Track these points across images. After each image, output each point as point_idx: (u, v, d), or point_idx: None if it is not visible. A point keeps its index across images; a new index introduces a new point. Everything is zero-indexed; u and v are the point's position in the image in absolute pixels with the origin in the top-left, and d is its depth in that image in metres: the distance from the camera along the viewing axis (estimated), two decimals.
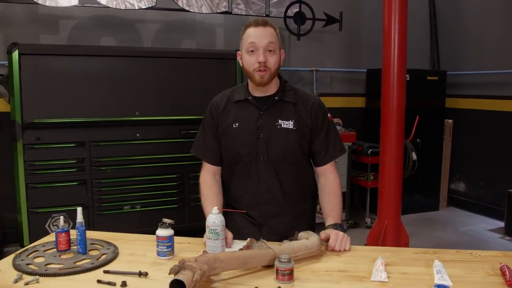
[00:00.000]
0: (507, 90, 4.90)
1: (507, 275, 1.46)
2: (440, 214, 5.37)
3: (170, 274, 1.36)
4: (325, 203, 1.95)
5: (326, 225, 1.87)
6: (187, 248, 1.77)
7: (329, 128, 1.98)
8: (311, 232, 1.74)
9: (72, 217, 1.72)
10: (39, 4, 3.65)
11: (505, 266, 1.51)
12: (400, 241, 3.31)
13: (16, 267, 1.54)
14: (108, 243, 1.79)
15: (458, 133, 5.44)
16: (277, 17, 4.48)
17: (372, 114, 4.98)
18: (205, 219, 1.72)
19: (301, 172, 1.99)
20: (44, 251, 1.71)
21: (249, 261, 1.52)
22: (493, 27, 5.08)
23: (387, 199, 3.33)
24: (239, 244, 1.74)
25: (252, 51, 1.83)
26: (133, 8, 3.90)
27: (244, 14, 4.38)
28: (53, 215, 3.52)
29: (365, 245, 3.29)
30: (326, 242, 1.76)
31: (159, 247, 1.67)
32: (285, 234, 1.80)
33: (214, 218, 1.66)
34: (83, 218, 1.71)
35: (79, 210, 1.71)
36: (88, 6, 3.93)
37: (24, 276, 1.48)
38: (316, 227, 2.03)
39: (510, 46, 4.84)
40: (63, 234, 1.70)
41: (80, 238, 1.68)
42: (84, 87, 3.57)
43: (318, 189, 2.02)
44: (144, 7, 3.92)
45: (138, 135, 3.77)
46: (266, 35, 1.83)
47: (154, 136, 3.82)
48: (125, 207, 3.77)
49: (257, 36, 1.83)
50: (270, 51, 1.84)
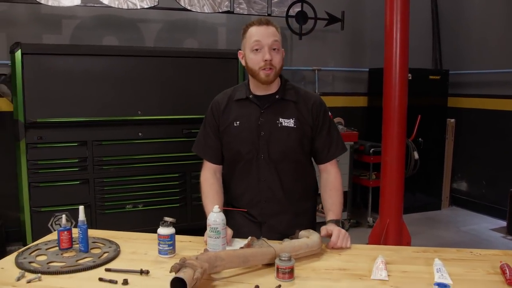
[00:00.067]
0: (510, 89, 4.89)
1: (507, 273, 1.46)
2: (442, 214, 5.37)
3: (171, 272, 1.37)
4: (326, 197, 1.96)
5: (327, 219, 1.88)
6: (189, 246, 1.77)
7: (331, 126, 1.99)
8: (311, 231, 1.75)
9: (75, 216, 1.73)
10: (41, 3, 3.67)
11: (505, 265, 1.51)
12: (402, 240, 3.30)
13: (18, 265, 1.56)
14: (110, 241, 1.80)
15: (460, 133, 5.44)
16: (279, 17, 4.48)
17: (374, 114, 4.98)
18: (206, 217, 1.73)
19: (302, 170, 1.99)
20: (47, 249, 1.72)
21: (250, 259, 1.52)
22: (495, 26, 5.07)
23: (389, 198, 3.32)
24: (240, 243, 1.75)
25: (257, 49, 1.83)
26: (135, 7, 3.91)
27: (246, 13, 4.38)
28: (56, 214, 3.54)
29: (367, 244, 3.29)
30: (327, 238, 1.77)
31: (160, 245, 1.67)
32: (285, 232, 1.80)
33: (215, 216, 1.66)
34: (85, 217, 1.72)
35: (81, 208, 1.71)
36: (91, 6, 3.94)
37: (27, 274, 1.49)
38: (316, 226, 2.03)
39: None
40: (65, 232, 1.71)
41: (82, 236, 1.69)
42: (87, 87, 3.58)
43: (319, 185, 2.03)
44: (146, 6, 3.93)
45: (140, 134, 3.78)
46: (270, 33, 1.84)
47: (156, 136, 3.83)
48: (127, 206, 3.79)
49: (261, 34, 1.83)
50: (275, 49, 1.84)
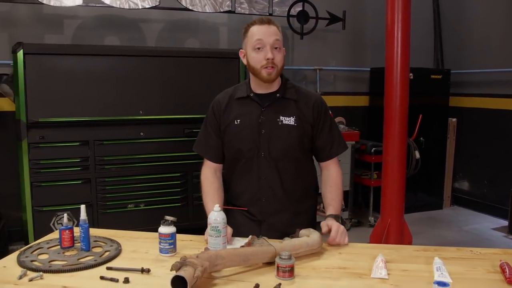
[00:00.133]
0: (511, 88, 4.89)
1: (506, 272, 1.47)
2: (444, 213, 5.36)
3: (172, 270, 1.37)
4: (327, 193, 1.98)
5: (327, 214, 1.90)
6: (189, 245, 1.78)
7: (332, 124, 2.01)
8: (312, 230, 1.75)
9: (77, 216, 1.74)
10: (43, 4, 3.68)
11: (505, 264, 1.52)
12: (403, 240, 3.30)
13: (20, 263, 1.57)
14: (111, 240, 1.80)
15: (462, 132, 5.43)
16: (280, 16, 4.49)
17: (376, 113, 4.98)
18: (207, 216, 1.73)
19: (302, 169, 2.00)
20: (48, 248, 1.73)
21: (250, 258, 1.53)
22: (497, 25, 5.06)
23: (390, 198, 3.32)
24: (240, 242, 1.76)
25: (259, 48, 1.85)
26: (136, 7, 3.92)
27: (247, 13, 4.39)
28: (58, 213, 3.55)
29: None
30: (327, 234, 1.79)
31: (161, 244, 1.68)
32: (285, 231, 1.81)
33: (215, 215, 1.67)
34: (87, 216, 1.73)
35: (82, 207, 1.72)
36: (92, 6, 3.95)
37: (29, 272, 1.50)
38: (317, 225, 2.03)
39: None
40: (67, 231, 1.72)
41: (83, 235, 1.70)
42: (88, 87, 3.59)
43: (320, 183, 2.04)
44: (147, 6, 3.94)
45: (142, 134, 3.79)
46: (272, 32, 1.85)
47: (157, 135, 3.84)
48: (129, 206, 3.79)
49: (263, 33, 1.84)
50: (276, 48, 1.86)
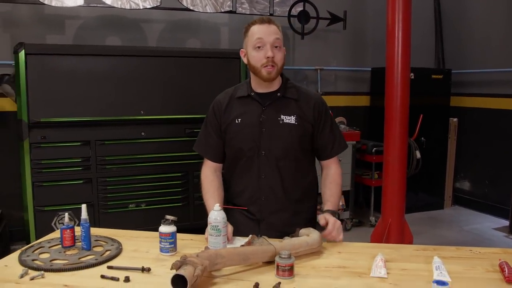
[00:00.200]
0: None
1: (505, 271, 1.47)
2: (445, 213, 5.36)
3: (172, 269, 1.38)
4: (326, 189, 2.00)
5: (324, 209, 1.93)
6: (190, 244, 1.79)
7: (333, 123, 2.03)
8: (311, 229, 1.76)
9: (78, 215, 1.75)
10: (45, 4, 3.69)
11: (504, 263, 1.52)
12: (404, 239, 3.30)
13: (22, 262, 1.58)
14: (112, 239, 1.81)
15: (463, 132, 5.43)
16: (281, 16, 4.50)
17: (377, 113, 4.97)
18: (207, 214, 1.74)
19: (303, 169, 2.01)
20: (50, 247, 1.74)
21: (250, 257, 1.54)
22: (498, 25, 5.06)
23: (391, 197, 3.33)
24: (240, 241, 1.76)
25: (259, 47, 1.86)
26: (138, 8, 3.93)
27: (248, 13, 4.39)
28: (59, 213, 3.56)
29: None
30: (324, 226, 1.82)
31: (161, 243, 1.69)
32: (284, 231, 1.82)
33: (216, 215, 1.68)
34: (88, 216, 1.74)
35: (83, 207, 1.73)
36: (94, 6, 3.96)
37: (30, 271, 1.51)
38: (317, 225, 2.04)
39: None
40: (68, 230, 1.73)
41: (84, 234, 1.71)
42: (90, 87, 3.60)
43: (321, 180, 2.06)
44: (148, 6, 3.95)
45: (143, 134, 3.80)
46: (272, 31, 1.87)
47: (159, 135, 3.85)
48: (130, 205, 3.80)
49: (263, 32, 1.86)
50: (276, 47, 1.87)
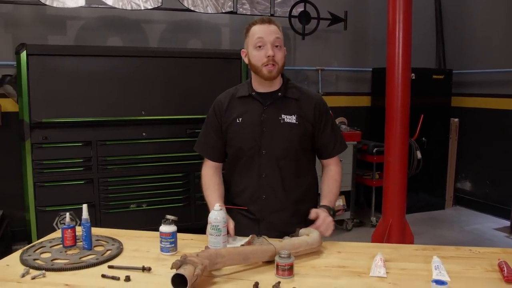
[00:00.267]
0: None
1: (504, 271, 1.48)
2: (446, 213, 5.36)
3: (172, 268, 1.39)
4: (324, 186, 2.02)
5: (320, 204, 1.95)
6: (190, 244, 1.80)
7: (333, 123, 2.06)
8: (311, 229, 1.77)
9: (79, 216, 1.75)
10: (46, 5, 3.70)
11: (503, 262, 1.53)
12: (405, 240, 3.30)
13: (23, 262, 1.59)
14: (113, 239, 1.82)
15: (464, 132, 5.42)
16: (282, 17, 4.50)
17: (378, 113, 4.97)
18: (209, 211, 1.75)
19: (303, 169, 2.01)
20: (51, 247, 1.75)
21: (250, 256, 1.54)
22: (499, 25, 5.06)
23: (391, 198, 3.33)
24: (241, 240, 1.77)
25: (260, 46, 1.87)
26: (139, 8, 3.94)
27: (249, 14, 4.40)
28: (61, 213, 3.56)
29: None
30: (314, 219, 1.84)
31: (162, 243, 1.70)
32: (284, 230, 1.82)
33: (216, 214, 1.68)
34: (90, 216, 1.74)
35: (84, 206, 1.74)
36: (95, 7, 3.97)
37: (31, 270, 1.52)
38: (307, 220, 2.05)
39: None
40: (69, 230, 1.74)
41: (85, 234, 1.72)
42: (91, 87, 3.61)
43: (321, 179, 2.07)
44: (150, 7, 3.96)
45: (144, 134, 3.80)
46: (272, 31, 1.88)
47: (160, 135, 3.85)
48: (131, 206, 3.81)
49: (264, 32, 1.88)
50: (277, 46, 1.88)
